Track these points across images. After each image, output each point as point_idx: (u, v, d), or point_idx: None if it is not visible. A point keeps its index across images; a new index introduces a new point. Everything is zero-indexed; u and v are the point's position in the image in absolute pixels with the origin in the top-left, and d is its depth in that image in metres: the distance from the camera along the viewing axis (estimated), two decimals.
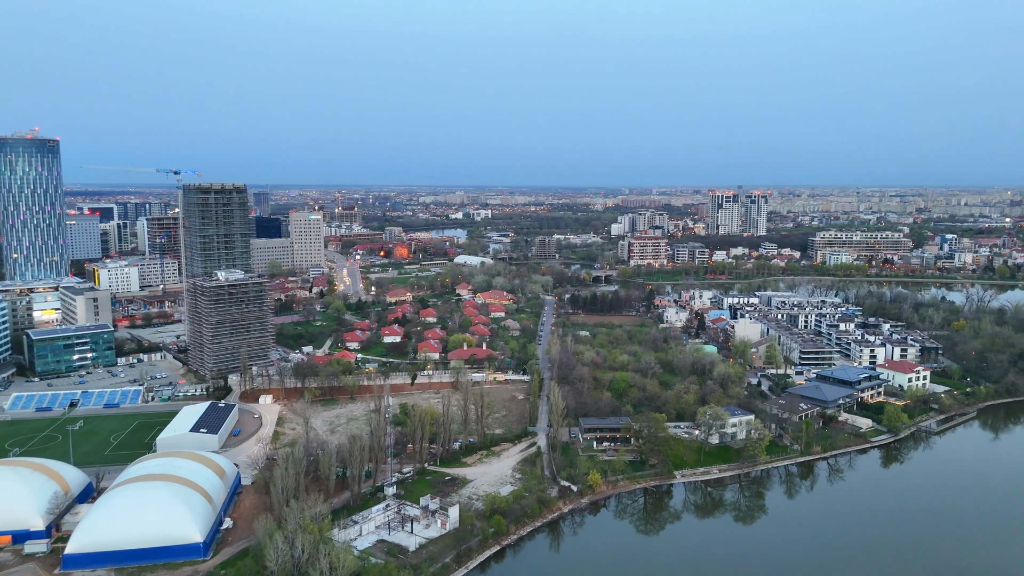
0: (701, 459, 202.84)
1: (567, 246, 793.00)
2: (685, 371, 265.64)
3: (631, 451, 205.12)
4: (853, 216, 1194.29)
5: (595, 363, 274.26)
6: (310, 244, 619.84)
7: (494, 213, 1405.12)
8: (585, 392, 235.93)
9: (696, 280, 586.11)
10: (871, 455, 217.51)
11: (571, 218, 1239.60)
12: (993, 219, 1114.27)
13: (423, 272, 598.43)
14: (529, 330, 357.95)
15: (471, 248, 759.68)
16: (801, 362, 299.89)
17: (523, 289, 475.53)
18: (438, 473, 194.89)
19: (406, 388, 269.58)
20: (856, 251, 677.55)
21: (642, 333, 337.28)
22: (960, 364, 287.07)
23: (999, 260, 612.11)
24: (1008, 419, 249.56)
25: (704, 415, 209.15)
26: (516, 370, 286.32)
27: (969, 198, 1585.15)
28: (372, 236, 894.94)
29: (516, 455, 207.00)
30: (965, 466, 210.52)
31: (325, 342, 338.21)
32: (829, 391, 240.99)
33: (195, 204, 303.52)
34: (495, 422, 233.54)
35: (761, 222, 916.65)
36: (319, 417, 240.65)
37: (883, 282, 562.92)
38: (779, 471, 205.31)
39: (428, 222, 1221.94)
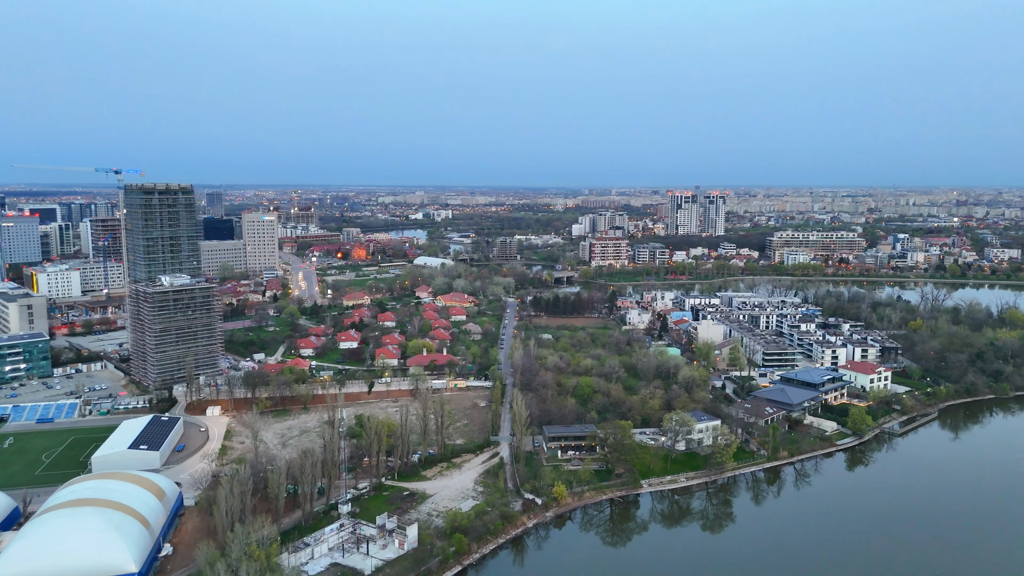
0: (668, 467, 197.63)
1: (528, 247, 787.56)
2: (650, 375, 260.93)
3: (597, 460, 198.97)
4: (808, 216, 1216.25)
5: (558, 368, 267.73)
6: (264, 246, 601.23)
7: (455, 213, 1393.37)
8: (549, 399, 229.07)
9: (657, 281, 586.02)
10: (837, 458, 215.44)
11: (532, 218, 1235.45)
12: (941, 219, 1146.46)
13: (382, 274, 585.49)
14: (491, 334, 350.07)
15: (431, 249, 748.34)
16: (764, 364, 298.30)
17: (484, 291, 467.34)
18: (396, 488, 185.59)
19: (363, 397, 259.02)
20: (813, 251, 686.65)
21: (605, 336, 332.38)
22: (920, 364, 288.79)
23: (950, 259, 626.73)
24: (968, 419, 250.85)
25: (670, 421, 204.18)
26: (478, 376, 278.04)
27: (917, 198, 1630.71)
28: (329, 237, 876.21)
29: (478, 467, 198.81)
30: (930, 467, 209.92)
31: (278, 349, 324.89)
32: (794, 394, 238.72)
33: (138, 205, 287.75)
34: (456, 431, 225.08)
35: (719, 222, 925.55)
36: (270, 429, 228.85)
37: (840, 281, 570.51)
38: (746, 477, 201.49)
39: (387, 223, 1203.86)
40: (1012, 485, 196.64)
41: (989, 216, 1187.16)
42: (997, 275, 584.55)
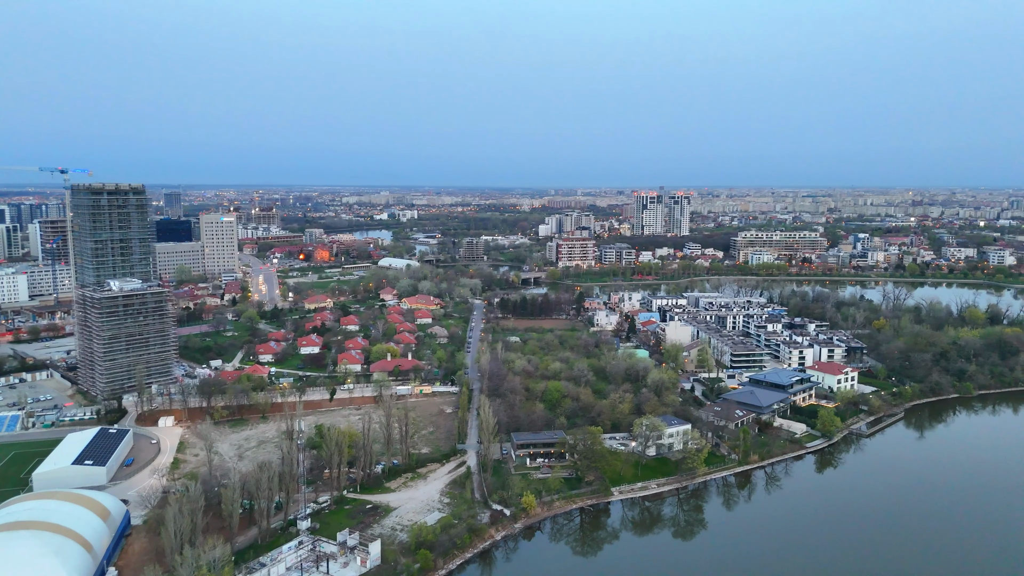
0: (638, 473, 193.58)
1: (495, 247, 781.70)
2: (619, 378, 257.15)
3: (566, 467, 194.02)
4: (770, 216, 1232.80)
5: (527, 372, 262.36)
6: (223, 248, 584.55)
7: (420, 214, 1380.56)
8: (517, 405, 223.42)
9: (624, 281, 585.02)
10: (806, 461, 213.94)
11: (498, 219, 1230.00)
12: (898, 218, 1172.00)
13: (345, 276, 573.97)
14: (458, 337, 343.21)
15: (396, 250, 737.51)
16: (732, 365, 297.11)
17: (451, 293, 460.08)
18: (358, 501, 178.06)
19: (324, 405, 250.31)
20: (776, 250, 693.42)
21: (573, 338, 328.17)
22: (885, 364, 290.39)
23: (908, 258, 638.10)
24: (933, 419, 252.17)
25: (641, 426, 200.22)
26: (444, 381, 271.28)
27: (874, 198, 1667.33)
28: (291, 238, 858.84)
29: (444, 477, 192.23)
30: (898, 468, 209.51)
31: (236, 355, 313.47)
32: (764, 396, 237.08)
33: (85, 206, 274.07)
34: (422, 440, 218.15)
35: (684, 222, 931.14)
36: (226, 440, 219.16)
37: (804, 281, 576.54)
38: (717, 482, 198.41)
39: (351, 223, 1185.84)
40: (980, 484, 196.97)
41: (944, 216, 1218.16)
42: (954, 274, 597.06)
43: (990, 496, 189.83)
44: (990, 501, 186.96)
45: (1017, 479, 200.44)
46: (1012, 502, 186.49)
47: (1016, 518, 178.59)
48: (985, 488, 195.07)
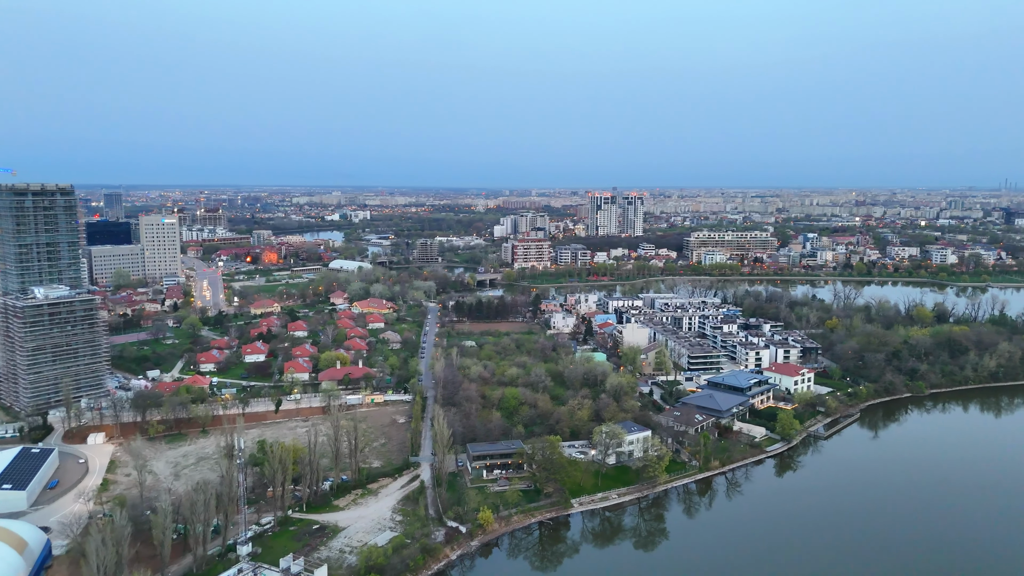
0: (599, 483, 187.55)
1: (450, 248, 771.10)
2: (577, 383, 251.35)
3: (524, 479, 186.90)
4: (721, 216, 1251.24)
5: (483, 378, 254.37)
6: (164, 250, 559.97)
7: (373, 214, 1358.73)
8: (473, 413, 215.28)
9: (580, 282, 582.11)
10: (767, 465, 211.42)
11: (453, 219, 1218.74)
12: (843, 218, 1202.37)
13: (294, 279, 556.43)
14: (411, 342, 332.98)
15: (348, 252, 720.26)
16: (690, 367, 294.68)
17: (404, 296, 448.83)
18: (304, 522, 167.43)
19: (269, 417, 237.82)
20: (728, 250, 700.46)
21: (530, 342, 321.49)
22: (839, 364, 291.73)
23: (856, 257, 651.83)
24: (887, 418, 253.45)
25: (600, 434, 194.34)
26: (397, 389, 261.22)
27: (820, 198, 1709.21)
28: (238, 240, 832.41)
29: (396, 492, 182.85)
30: (857, 470, 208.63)
31: (176, 364, 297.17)
32: (723, 399, 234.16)
33: (8, 208, 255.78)
34: (373, 452, 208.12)
35: (638, 223, 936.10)
36: (162, 458, 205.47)
37: (756, 280, 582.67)
38: (678, 490, 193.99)
39: (302, 224, 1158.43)
40: (937, 484, 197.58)
41: (886, 216, 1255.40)
42: (900, 272, 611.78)
43: (947, 496, 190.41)
44: (947, 501, 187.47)
45: (972, 477, 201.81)
46: (968, 501, 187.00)
47: (973, 515, 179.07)
48: (941, 488, 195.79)
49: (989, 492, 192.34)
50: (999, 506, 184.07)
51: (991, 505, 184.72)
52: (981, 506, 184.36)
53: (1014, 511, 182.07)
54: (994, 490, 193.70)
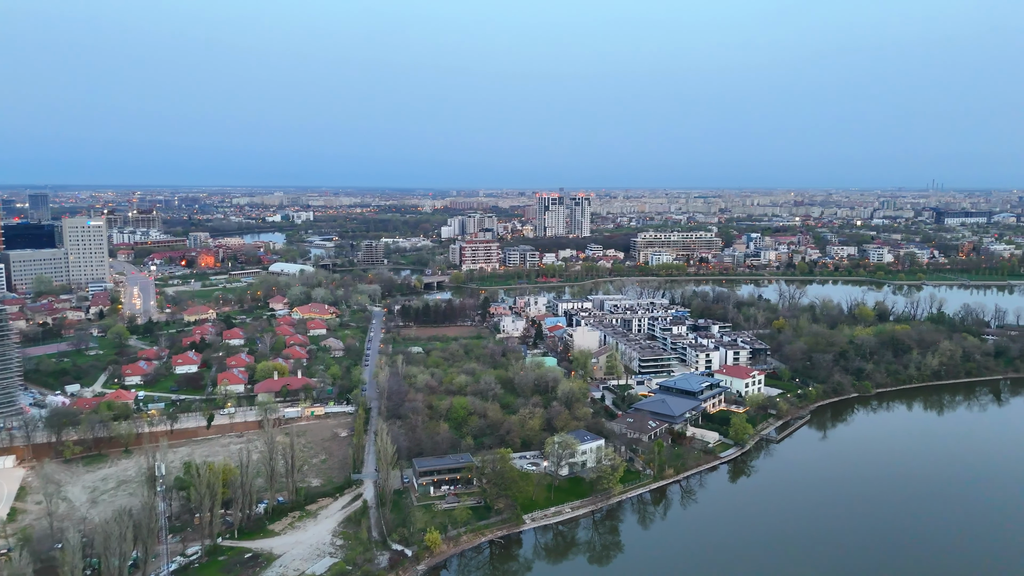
0: (551, 497, 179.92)
1: (396, 250, 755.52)
2: (528, 391, 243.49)
3: (474, 494, 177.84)
4: (666, 216, 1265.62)
5: (430, 387, 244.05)
6: (90, 255, 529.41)
7: (317, 215, 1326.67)
8: (419, 426, 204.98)
9: (528, 284, 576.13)
10: (721, 471, 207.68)
11: (399, 220, 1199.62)
12: (783, 218, 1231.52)
13: (232, 284, 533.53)
14: (355, 349, 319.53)
15: (289, 254, 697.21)
16: (641, 371, 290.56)
17: (348, 300, 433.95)
18: (235, 550, 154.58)
19: (200, 433, 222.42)
20: (675, 251, 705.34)
21: (479, 347, 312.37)
22: (788, 364, 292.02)
23: (798, 257, 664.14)
24: (836, 419, 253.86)
25: (552, 445, 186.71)
26: (339, 400, 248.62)
27: (760, 199, 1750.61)
28: (173, 243, 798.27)
29: (337, 514, 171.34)
30: (809, 473, 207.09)
31: (98, 378, 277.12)
32: (675, 404, 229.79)
33: None
34: (312, 470, 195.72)
35: (585, 223, 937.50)
36: (78, 482, 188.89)
37: (702, 280, 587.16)
38: (633, 500, 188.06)
39: (241, 226, 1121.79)
40: (888, 484, 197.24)
41: (824, 215, 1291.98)
42: (840, 271, 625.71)
43: (900, 496, 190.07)
44: (900, 501, 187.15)
45: (922, 476, 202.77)
46: (921, 501, 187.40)
47: (926, 514, 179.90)
48: (893, 488, 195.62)
49: (940, 490, 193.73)
50: (951, 503, 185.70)
51: (944, 502, 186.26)
52: (934, 505, 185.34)
53: (966, 505, 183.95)
54: (944, 487, 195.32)
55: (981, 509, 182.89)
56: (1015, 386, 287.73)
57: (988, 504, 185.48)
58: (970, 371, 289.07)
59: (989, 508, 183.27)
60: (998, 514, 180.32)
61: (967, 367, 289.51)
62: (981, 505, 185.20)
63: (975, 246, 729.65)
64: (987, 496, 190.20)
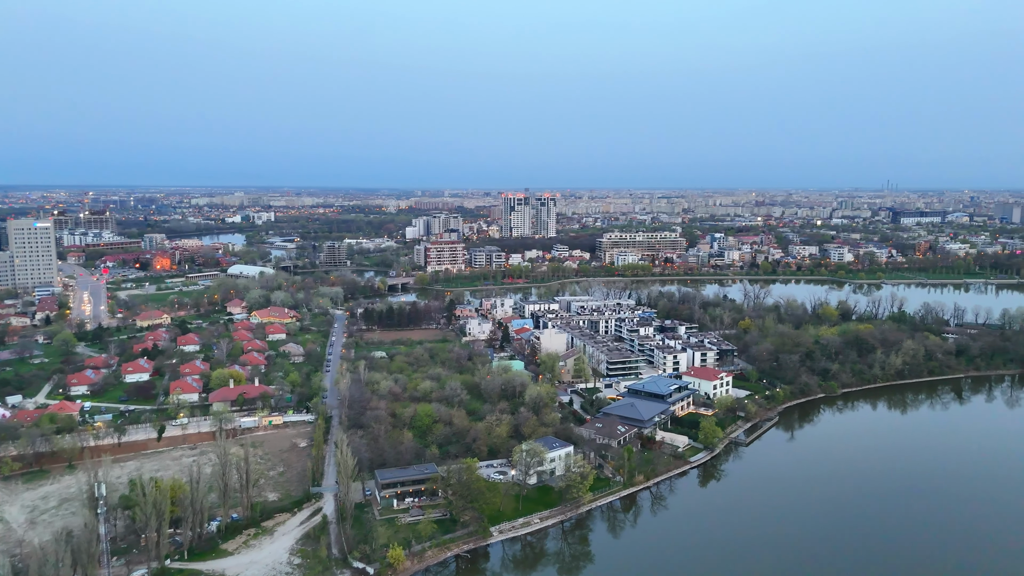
0: (520, 507, 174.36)
1: (360, 251, 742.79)
2: (495, 396, 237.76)
3: (439, 507, 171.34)
4: (631, 217, 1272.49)
5: (393, 394, 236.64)
6: (38, 257, 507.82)
7: (278, 216, 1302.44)
8: (382, 435, 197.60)
9: (495, 285, 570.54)
10: (691, 476, 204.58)
11: (363, 221, 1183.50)
12: (745, 218, 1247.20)
13: (189, 287, 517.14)
14: (316, 355, 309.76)
15: (249, 256, 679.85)
16: (609, 373, 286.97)
17: (309, 304, 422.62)
18: (185, 572, 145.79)
19: (151, 446, 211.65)
20: (640, 251, 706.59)
21: (445, 351, 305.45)
22: (755, 365, 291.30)
23: (761, 256, 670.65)
24: (804, 420, 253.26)
25: (520, 454, 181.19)
26: (299, 408, 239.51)
27: (722, 199, 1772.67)
28: (127, 245, 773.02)
29: (295, 530, 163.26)
30: (779, 476, 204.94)
31: (42, 388, 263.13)
32: (644, 408, 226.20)
33: None
34: (269, 484, 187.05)
35: (551, 224, 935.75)
36: (17, 501, 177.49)
37: (667, 280, 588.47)
38: (603, 508, 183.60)
39: (200, 227, 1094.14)
40: (857, 485, 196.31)
41: (785, 215, 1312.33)
42: (802, 271, 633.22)
43: (868, 497, 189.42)
44: (869, 503, 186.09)
45: (890, 476, 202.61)
46: (888, 502, 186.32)
47: (895, 515, 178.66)
48: (861, 489, 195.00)
49: (907, 489, 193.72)
50: (919, 501, 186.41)
51: (911, 501, 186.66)
52: (902, 504, 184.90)
53: (933, 502, 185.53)
54: (912, 486, 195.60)
55: (948, 506, 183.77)
56: (976, 384, 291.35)
57: (955, 500, 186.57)
58: (932, 370, 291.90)
59: (956, 504, 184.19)
60: (966, 510, 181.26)
61: (929, 366, 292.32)
62: (948, 502, 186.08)
63: (931, 245, 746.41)
64: (953, 493, 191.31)
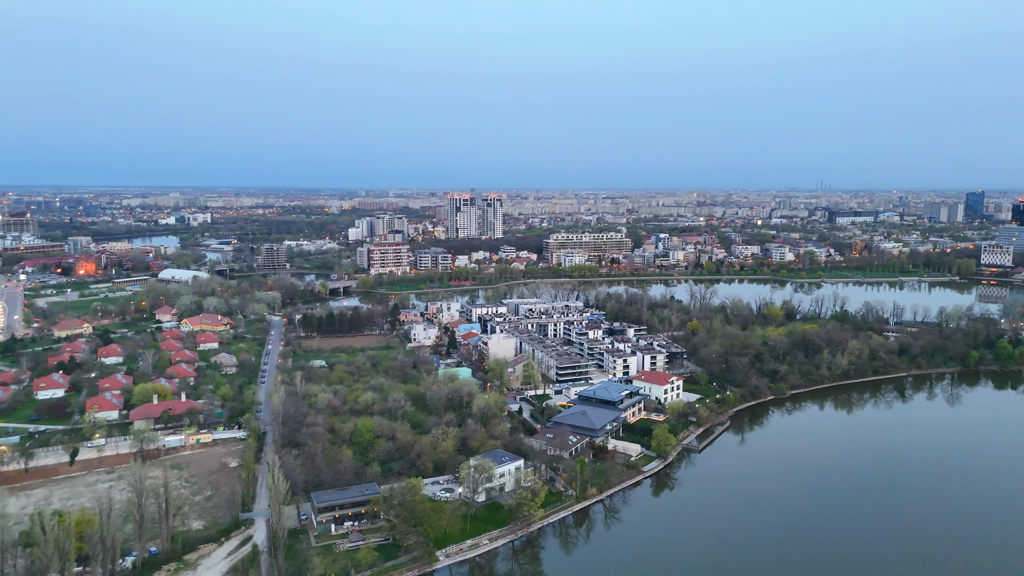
0: (467, 528, 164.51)
1: (300, 254, 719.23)
2: (441, 407, 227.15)
3: (381, 530, 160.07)
4: (576, 217, 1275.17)
5: (332, 407, 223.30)
6: None
7: (215, 217, 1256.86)
8: (318, 454, 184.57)
9: (441, 287, 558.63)
10: (645, 486, 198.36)
11: (304, 222, 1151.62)
12: (688, 218, 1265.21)
13: (116, 293, 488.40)
14: (250, 365, 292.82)
15: (182, 260, 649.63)
16: (559, 379, 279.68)
17: (244, 310, 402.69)
18: None
19: (62, 470, 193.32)
20: (586, 252, 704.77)
21: (388, 359, 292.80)
22: (705, 368, 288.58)
23: (705, 256, 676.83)
24: (754, 422, 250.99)
25: (468, 470, 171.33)
26: (230, 424, 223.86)
27: (665, 199, 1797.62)
28: (50, 249, 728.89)
29: (222, 562, 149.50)
30: (733, 483, 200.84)
31: None
32: (596, 416, 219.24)
33: None
34: (194, 510, 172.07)
35: (498, 225, 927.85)
36: None
37: (614, 281, 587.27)
38: (555, 524, 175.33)
39: (131, 229, 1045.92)
40: (810, 487, 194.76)
41: (726, 215, 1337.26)
42: (745, 270, 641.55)
43: (819, 500, 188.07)
44: (820, 504, 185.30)
45: (838, 478, 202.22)
46: (839, 504, 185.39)
47: (847, 516, 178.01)
48: (813, 492, 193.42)
49: (857, 488, 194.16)
50: (869, 500, 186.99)
51: (861, 499, 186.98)
52: (853, 504, 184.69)
53: (883, 499, 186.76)
54: (861, 485, 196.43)
55: (901, 500, 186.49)
56: (918, 383, 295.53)
57: (906, 493, 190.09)
58: (876, 369, 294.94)
59: (908, 498, 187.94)
60: (917, 502, 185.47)
61: (874, 365, 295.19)
62: (901, 496, 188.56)
63: (867, 244, 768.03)
64: (904, 485, 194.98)
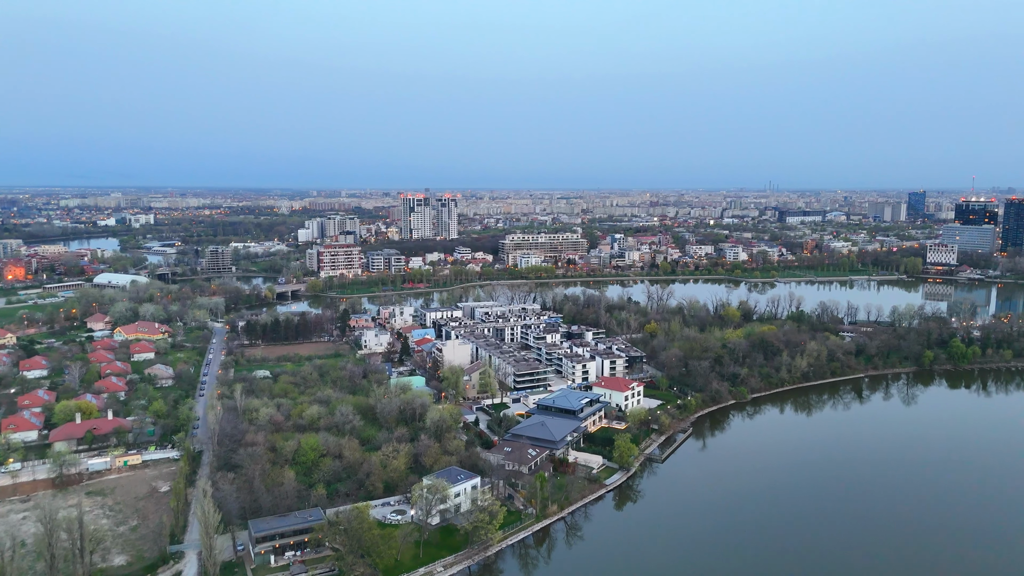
0: (420, 554, 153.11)
1: (247, 256, 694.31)
2: (392, 421, 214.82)
3: (326, 560, 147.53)
4: (532, 217, 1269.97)
5: (275, 423, 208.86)
6: None
7: (159, 218, 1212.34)
8: (258, 477, 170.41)
9: (394, 290, 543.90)
10: (607, 500, 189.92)
11: (253, 223, 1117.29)
12: (642, 218, 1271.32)
13: (47, 299, 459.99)
14: (188, 377, 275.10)
15: (120, 263, 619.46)
16: (516, 387, 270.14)
17: (184, 317, 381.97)
18: None
19: None
20: (542, 252, 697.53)
21: (337, 367, 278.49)
22: (664, 372, 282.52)
23: (660, 256, 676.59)
24: (715, 428, 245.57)
25: (420, 491, 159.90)
26: (162, 443, 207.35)
27: (618, 199, 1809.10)
28: None
29: None
30: (697, 491, 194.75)
31: None
32: (556, 427, 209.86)
33: None
34: (117, 543, 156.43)
35: (453, 225, 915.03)
36: None
37: (571, 282, 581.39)
38: (514, 546, 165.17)
39: (67, 231, 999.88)
40: (774, 493, 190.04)
41: (679, 215, 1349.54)
42: (699, 270, 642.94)
43: (782, 506, 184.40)
44: (783, 511, 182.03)
45: (800, 479, 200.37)
46: (802, 508, 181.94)
47: (811, 520, 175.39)
48: (775, 498, 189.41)
49: (825, 494, 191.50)
50: (832, 502, 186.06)
51: (824, 502, 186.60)
52: (817, 508, 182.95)
53: (848, 502, 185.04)
54: (823, 485, 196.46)
55: (863, 502, 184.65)
56: (874, 383, 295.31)
57: (869, 497, 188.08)
58: (835, 371, 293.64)
59: (875, 495, 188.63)
60: (883, 498, 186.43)
61: (832, 367, 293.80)
62: (863, 499, 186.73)
63: (817, 244, 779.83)
64: (865, 488, 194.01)
